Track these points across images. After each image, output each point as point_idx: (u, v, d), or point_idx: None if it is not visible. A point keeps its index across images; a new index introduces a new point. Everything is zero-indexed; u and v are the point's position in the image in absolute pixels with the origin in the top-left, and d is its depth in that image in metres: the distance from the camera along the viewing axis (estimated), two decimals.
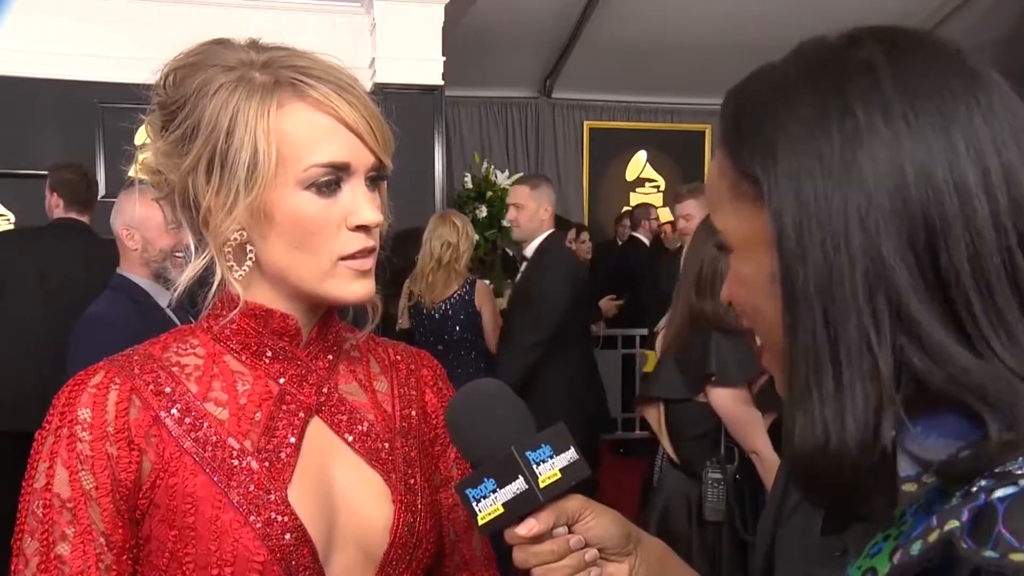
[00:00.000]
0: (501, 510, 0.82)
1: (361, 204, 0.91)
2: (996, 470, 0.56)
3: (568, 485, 0.84)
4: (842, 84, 0.60)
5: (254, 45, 0.93)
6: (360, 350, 1.06)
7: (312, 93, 0.89)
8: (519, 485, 0.82)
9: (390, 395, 1.05)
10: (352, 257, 0.92)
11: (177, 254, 2.60)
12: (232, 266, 0.92)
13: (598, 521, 0.85)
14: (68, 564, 0.87)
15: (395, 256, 1.00)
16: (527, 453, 0.83)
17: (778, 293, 0.62)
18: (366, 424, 0.99)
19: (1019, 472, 0.55)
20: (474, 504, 0.83)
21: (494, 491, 0.82)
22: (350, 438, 0.98)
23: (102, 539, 0.87)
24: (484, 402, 0.89)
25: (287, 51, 0.93)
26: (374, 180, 0.95)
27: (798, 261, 0.59)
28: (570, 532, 0.84)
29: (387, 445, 1.00)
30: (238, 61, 0.91)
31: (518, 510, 0.82)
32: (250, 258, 0.92)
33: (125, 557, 0.89)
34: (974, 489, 0.56)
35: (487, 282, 4.14)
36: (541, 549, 0.83)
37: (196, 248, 0.95)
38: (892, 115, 0.58)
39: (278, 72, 0.90)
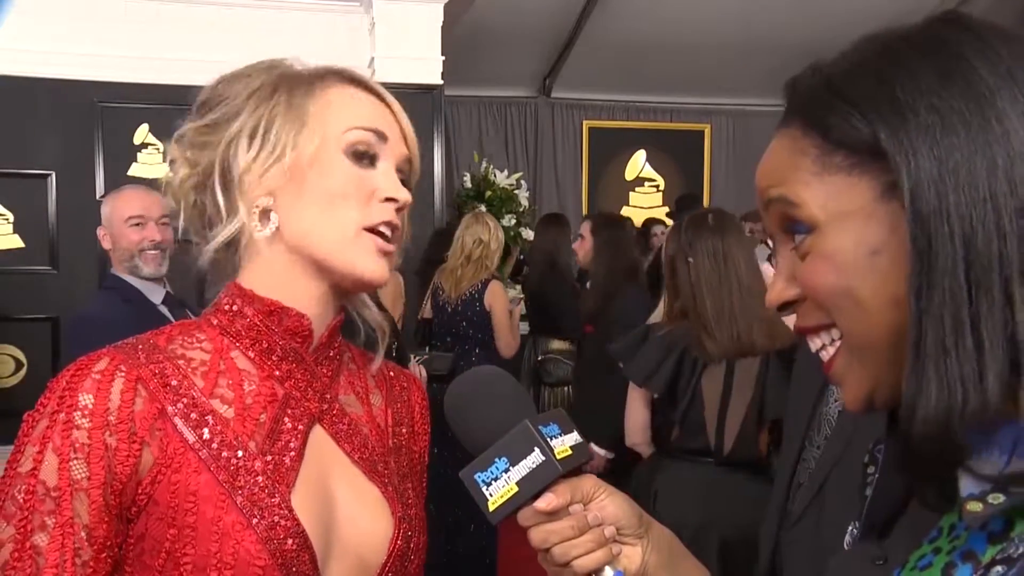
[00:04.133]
0: (515, 489, 0.80)
1: (393, 181, 0.95)
2: None
3: (579, 462, 0.83)
4: (960, 49, 0.60)
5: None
6: (356, 363, 1.06)
7: (358, 78, 0.98)
8: (535, 458, 0.79)
9: (383, 410, 1.06)
10: (376, 230, 0.94)
11: (150, 251, 2.60)
12: (257, 226, 0.94)
13: (612, 499, 0.84)
14: (44, 556, 0.83)
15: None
16: (540, 427, 0.81)
17: (879, 266, 0.60)
18: (363, 436, 1.00)
19: None
20: (484, 489, 0.81)
21: (506, 470, 0.80)
22: (349, 448, 0.98)
23: (83, 533, 0.84)
24: (488, 385, 0.87)
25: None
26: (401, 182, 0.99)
27: (939, 218, 0.57)
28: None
29: (382, 459, 1.00)
30: (284, 67, 0.99)
31: (534, 486, 0.80)
32: (274, 224, 0.94)
33: (105, 555, 0.86)
34: None
35: (502, 283, 4.13)
36: (560, 526, 0.81)
37: (227, 216, 0.96)
38: (1016, 79, 0.58)
39: (324, 67, 0.98)
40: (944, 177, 0.58)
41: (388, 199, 0.94)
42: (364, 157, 0.94)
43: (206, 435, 0.89)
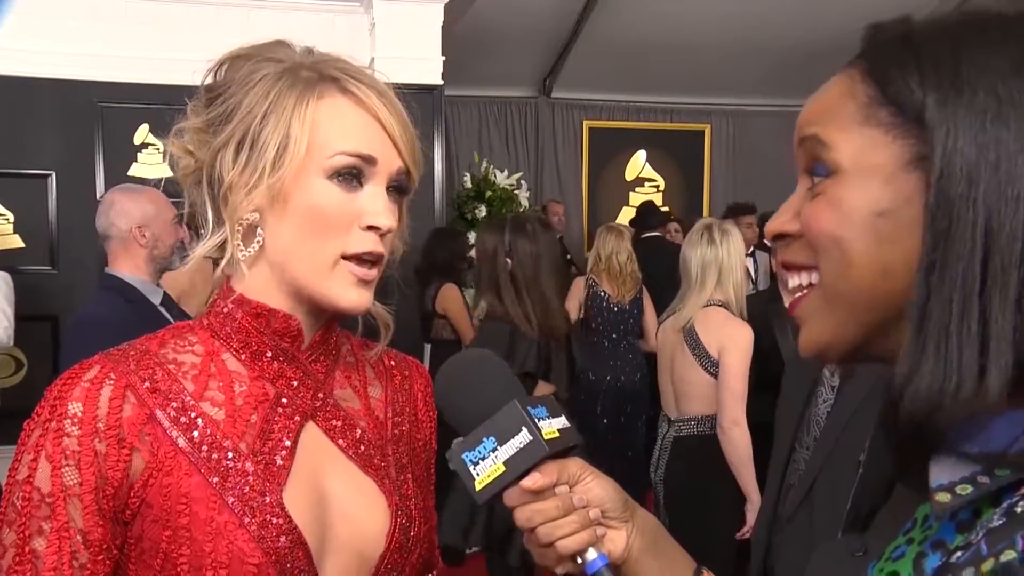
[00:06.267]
0: (502, 469, 0.80)
1: (378, 206, 0.92)
2: None
3: (566, 445, 0.84)
4: None
5: (308, 51, 0.97)
6: (355, 355, 1.06)
7: (353, 90, 0.93)
8: (522, 438, 0.80)
9: (383, 401, 1.05)
10: (356, 258, 0.92)
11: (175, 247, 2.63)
12: (240, 245, 0.93)
13: (598, 483, 0.85)
14: (42, 559, 0.85)
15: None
16: (529, 408, 0.82)
17: (879, 229, 0.60)
18: (359, 430, 1.00)
19: None
20: (471, 468, 0.81)
21: (494, 450, 0.81)
22: (343, 444, 0.98)
23: (79, 537, 0.86)
24: (477, 367, 0.87)
25: (337, 57, 0.96)
26: (398, 191, 0.96)
27: (966, 203, 0.57)
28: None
29: (379, 452, 1.00)
30: (288, 57, 0.95)
31: (521, 465, 0.80)
32: (258, 241, 0.93)
33: (102, 557, 0.87)
34: (1020, 509, 0.55)
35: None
36: (545, 506, 0.81)
37: (214, 224, 0.95)
38: None
39: (323, 68, 0.93)
40: (981, 165, 0.57)
41: (371, 227, 0.92)
42: (350, 179, 0.92)
43: (196, 438, 0.90)
